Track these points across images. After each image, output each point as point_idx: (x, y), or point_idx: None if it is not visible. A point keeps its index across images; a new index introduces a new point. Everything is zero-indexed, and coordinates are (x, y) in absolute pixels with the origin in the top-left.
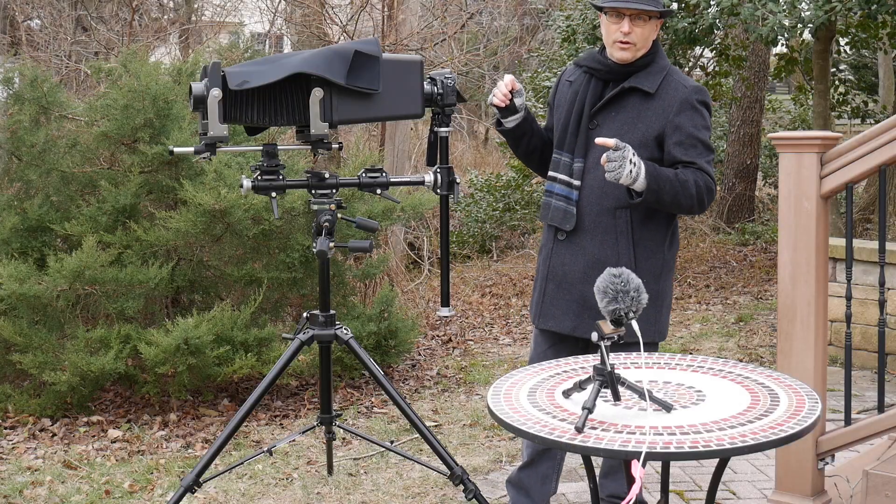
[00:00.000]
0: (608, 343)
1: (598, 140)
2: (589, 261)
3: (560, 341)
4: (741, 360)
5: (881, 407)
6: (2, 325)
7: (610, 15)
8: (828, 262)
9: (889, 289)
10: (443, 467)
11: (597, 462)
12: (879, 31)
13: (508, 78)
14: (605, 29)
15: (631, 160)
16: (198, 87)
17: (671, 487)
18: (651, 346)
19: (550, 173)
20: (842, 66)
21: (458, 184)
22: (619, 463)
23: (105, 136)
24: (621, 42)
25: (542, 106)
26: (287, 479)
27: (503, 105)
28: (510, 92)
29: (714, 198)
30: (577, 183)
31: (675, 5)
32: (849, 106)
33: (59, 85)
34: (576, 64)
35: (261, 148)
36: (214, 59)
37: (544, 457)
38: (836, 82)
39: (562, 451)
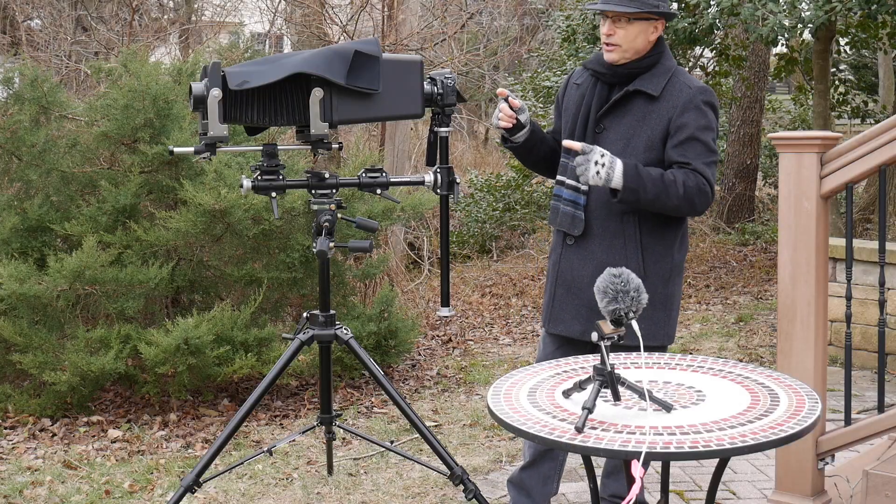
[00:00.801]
0: (609, 343)
1: (566, 143)
2: (597, 266)
3: (567, 343)
4: (741, 360)
5: (881, 407)
6: (2, 325)
7: (601, 17)
8: (828, 262)
9: (889, 289)
10: (443, 467)
11: (598, 462)
12: (879, 31)
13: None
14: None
15: (597, 161)
16: (198, 87)
17: (671, 487)
18: (660, 350)
19: (559, 177)
20: (842, 66)
21: (458, 184)
22: (621, 463)
23: (105, 136)
24: (606, 44)
25: (541, 105)
26: (287, 479)
27: (510, 126)
28: (513, 110)
29: (710, 201)
30: (584, 188)
31: (675, 5)
32: (849, 106)
33: (59, 85)
34: (583, 66)
35: (261, 148)
36: (214, 59)
37: (546, 457)
38: (836, 82)
39: (563, 452)
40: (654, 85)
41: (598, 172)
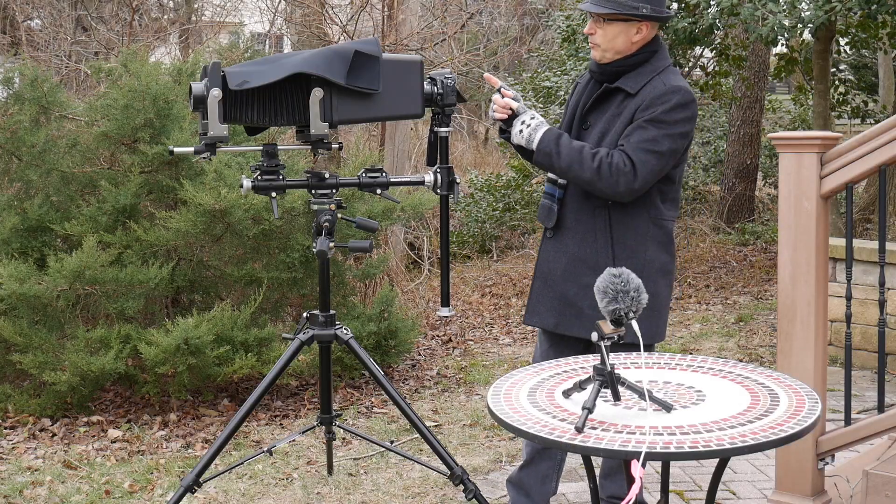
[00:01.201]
0: (608, 343)
1: (503, 101)
2: (570, 259)
3: (561, 340)
4: (741, 360)
5: (881, 407)
6: (2, 325)
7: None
8: (828, 262)
9: (889, 289)
10: (443, 467)
11: (597, 462)
12: (879, 31)
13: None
14: None
15: (524, 121)
16: (198, 87)
17: (671, 487)
18: (629, 348)
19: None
20: (842, 66)
21: (458, 184)
22: (619, 464)
23: (105, 136)
24: (590, 43)
25: (542, 106)
26: (287, 479)
27: (505, 117)
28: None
29: (631, 183)
30: (562, 182)
31: (675, 5)
32: (849, 106)
33: (59, 85)
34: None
35: (261, 148)
36: (214, 59)
37: (544, 456)
38: (836, 82)
39: (562, 451)
40: (635, 83)
41: (521, 131)
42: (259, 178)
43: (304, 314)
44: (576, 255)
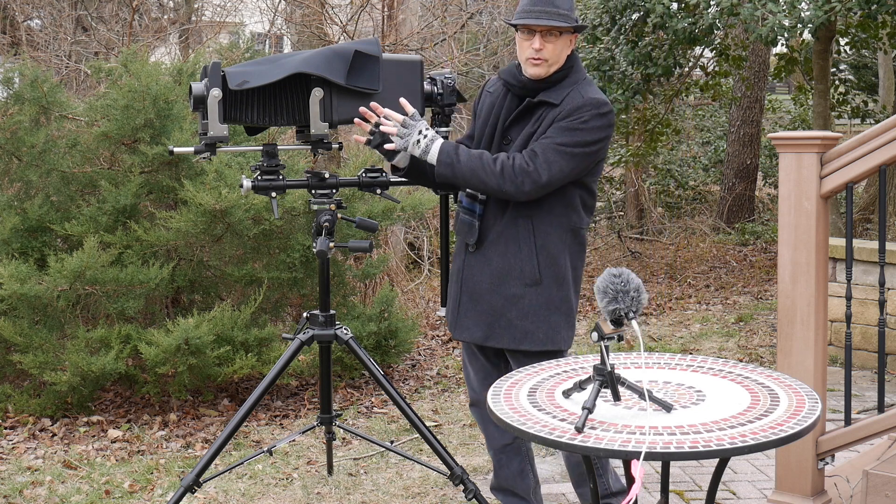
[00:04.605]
0: (609, 343)
1: (401, 100)
2: (495, 271)
3: (487, 348)
4: (741, 360)
5: (881, 407)
6: (2, 325)
7: (522, 31)
8: (828, 262)
9: (889, 289)
10: (443, 467)
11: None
12: (879, 31)
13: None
14: (519, 45)
15: (422, 132)
16: (198, 87)
17: (671, 487)
18: (557, 354)
19: None
20: (842, 66)
21: None
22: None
23: (105, 136)
24: (533, 59)
25: None
26: (287, 479)
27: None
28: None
29: (536, 181)
30: (482, 197)
31: (675, 5)
32: (849, 106)
33: (59, 85)
34: (498, 75)
35: (261, 148)
36: (214, 59)
37: (511, 455)
38: (836, 82)
39: (526, 442)
40: (557, 95)
41: (418, 142)
42: (259, 178)
43: (304, 314)
44: (500, 267)
